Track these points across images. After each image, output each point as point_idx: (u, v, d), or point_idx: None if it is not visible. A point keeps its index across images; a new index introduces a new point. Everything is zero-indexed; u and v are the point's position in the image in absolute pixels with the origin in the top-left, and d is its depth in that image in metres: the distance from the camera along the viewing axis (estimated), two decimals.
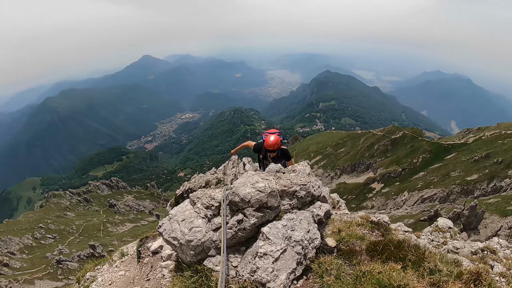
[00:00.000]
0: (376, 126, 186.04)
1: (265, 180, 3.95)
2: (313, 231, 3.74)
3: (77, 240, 57.16)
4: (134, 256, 7.19)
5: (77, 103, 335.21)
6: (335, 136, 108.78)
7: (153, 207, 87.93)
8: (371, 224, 5.43)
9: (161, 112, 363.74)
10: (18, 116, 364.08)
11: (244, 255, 3.63)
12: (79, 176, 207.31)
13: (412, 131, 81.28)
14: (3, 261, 43.31)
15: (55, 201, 77.94)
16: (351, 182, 74.48)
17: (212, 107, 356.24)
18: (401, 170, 65.59)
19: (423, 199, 50.50)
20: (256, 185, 3.79)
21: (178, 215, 4.09)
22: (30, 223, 60.88)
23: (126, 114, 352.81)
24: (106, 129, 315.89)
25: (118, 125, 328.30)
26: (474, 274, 3.20)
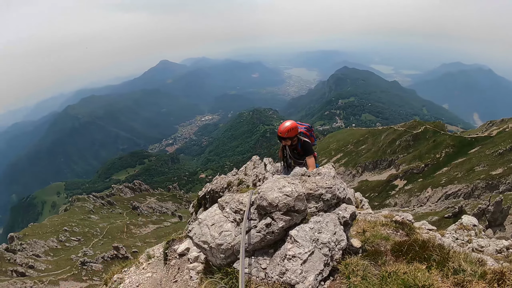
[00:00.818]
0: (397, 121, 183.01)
1: (291, 184, 4.06)
2: (339, 233, 3.84)
3: (101, 242, 58.17)
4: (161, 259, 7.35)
5: (97, 110, 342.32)
6: (355, 133, 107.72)
7: (175, 208, 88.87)
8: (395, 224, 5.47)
9: (181, 115, 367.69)
10: (40, 124, 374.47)
11: (273, 258, 3.74)
12: (102, 180, 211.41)
13: (434, 125, 79.77)
14: (28, 263, 44.53)
15: (79, 204, 79.61)
16: (373, 179, 73.61)
17: (230, 108, 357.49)
18: (424, 166, 64.48)
19: (447, 195, 49.53)
20: (283, 190, 3.90)
21: (207, 219, 4.23)
22: (55, 226, 62.28)
23: (146, 119, 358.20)
24: (127, 133, 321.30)
25: (138, 130, 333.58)
26: (498, 274, 3.21)
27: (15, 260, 44.34)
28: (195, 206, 20.48)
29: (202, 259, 5.53)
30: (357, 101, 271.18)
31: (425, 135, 76.26)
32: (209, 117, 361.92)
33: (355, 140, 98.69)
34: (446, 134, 72.67)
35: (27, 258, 46.36)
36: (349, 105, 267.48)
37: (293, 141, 7.28)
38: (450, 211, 40.99)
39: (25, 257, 46.50)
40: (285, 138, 7.10)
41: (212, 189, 17.70)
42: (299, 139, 7.40)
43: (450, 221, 34.84)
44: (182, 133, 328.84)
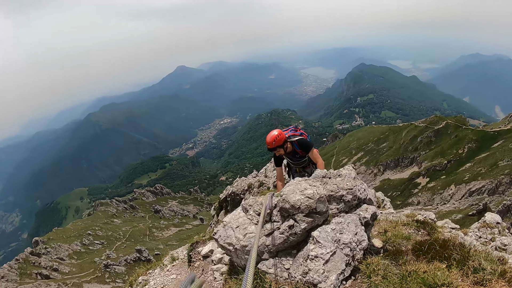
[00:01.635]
0: (418, 117, 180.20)
1: (313, 186, 4.17)
2: (360, 233, 3.92)
3: (124, 245, 59.18)
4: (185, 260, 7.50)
5: (118, 116, 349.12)
6: (376, 131, 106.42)
7: (197, 211, 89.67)
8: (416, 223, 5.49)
9: (200, 119, 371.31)
10: (63, 132, 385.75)
11: (296, 258, 3.85)
12: (125, 185, 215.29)
13: (456, 120, 78.19)
14: (52, 266, 45.62)
15: (102, 209, 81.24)
16: (395, 178, 72.62)
17: (249, 110, 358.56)
18: (447, 162, 63.28)
19: (470, 192, 48.47)
20: (305, 192, 4.01)
21: (232, 222, 4.38)
22: (79, 230, 63.71)
23: (166, 124, 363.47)
24: (148, 139, 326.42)
25: (159, 135, 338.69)
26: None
27: (39, 263, 45.53)
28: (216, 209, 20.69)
29: (226, 261, 5.67)
30: (376, 98, 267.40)
31: (447, 131, 74.84)
32: (228, 120, 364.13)
33: (375, 138, 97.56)
34: (468, 129, 71.15)
35: (51, 261, 47.51)
36: (368, 103, 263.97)
37: (285, 148, 6.82)
38: (474, 208, 40.19)
39: (49, 260, 47.68)
40: (275, 148, 6.67)
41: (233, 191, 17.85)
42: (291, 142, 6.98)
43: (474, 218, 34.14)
44: (202, 136, 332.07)
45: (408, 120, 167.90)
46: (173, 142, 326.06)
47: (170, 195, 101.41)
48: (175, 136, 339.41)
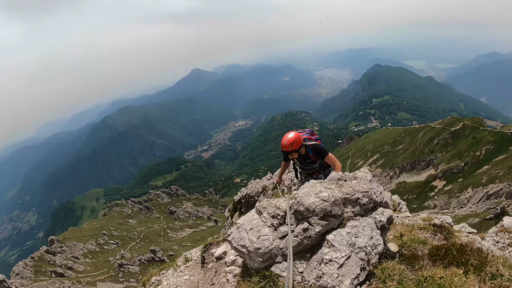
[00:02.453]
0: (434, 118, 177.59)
1: (328, 189, 4.13)
2: (376, 237, 3.86)
3: (139, 246, 59.64)
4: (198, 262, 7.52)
5: (134, 119, 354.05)
6: (392, 133, 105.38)
7: (211, 212, 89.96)
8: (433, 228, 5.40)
9: (215, 121, 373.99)
10: (79, 134, 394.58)
11: (310, 262, 3.81)
12: (140, 186, 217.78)
13: (473, 121, 76.72)
14: (67, 264, 46.15)
15: (118, 209, 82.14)
16: (411, 180, 71.68)
17: (263, 113, 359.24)
18: (464, 165, 62.18)
19: (488, 196, 47.49)
20: (319, 195, 3.98)
21: (246, 224, 4.37)
22: (94, 230, 64.45)
23: (182, 126, 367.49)
24: (163, 141, 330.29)
25: (174, 137, 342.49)
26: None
27: (54, 261, 46.05)
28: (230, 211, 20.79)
29: (239, 263, 5.67)
30: (392, 100, 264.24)
31: (464, 132, 73.55)
32: (243, 122, 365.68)
33: (391, 140, 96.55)
34: (486, 130, 69.71)
35: (66, 259, 48.07)
36: (384, 104, 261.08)
37: (300, 152, 6.60)
38: (492, 212, 39.42)
39: (64, 258, 48.22)
40: (290, 152, 6.45)
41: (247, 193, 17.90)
42: (306, 146, 6.72)
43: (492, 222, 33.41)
44: (217, 139, 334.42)
45: (424, 121, 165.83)
46: (189, 144, 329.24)
47: (185, 197, 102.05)
48: (191, 138, 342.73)
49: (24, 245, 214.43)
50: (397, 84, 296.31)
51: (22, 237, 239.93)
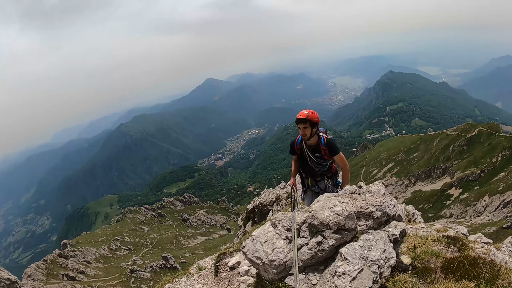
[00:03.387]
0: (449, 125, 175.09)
1: (342, 203, 4.22)
2: (388, 251, 3.92)
3: (151, 252, 59.78)
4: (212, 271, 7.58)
5: (148, 127, 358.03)
6: (406, 141, 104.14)
7: (224, 221, 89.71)
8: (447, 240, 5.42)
9: (229, 130, 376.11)
10: (95, 141, 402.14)
11: (323, 274, 3.89)
12: (154, 193, 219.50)
13: (488, 127, 75.22)
14: (79, 268, 46.45)
15: (131, 216, 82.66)
16: (426, 189, 70.61)
17: (277, 121, 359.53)
18: (480, 172, 61.01)
19: (505, 203, 46.39)
20: (334, 209, 4.07)
21: (260, 236, 4.47)
22: (107, 235, 64.85)
23: (196, 134, 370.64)
24: (178, 149, 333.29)
25: (188, 145, 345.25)
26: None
27: (66, 265, 46.39)
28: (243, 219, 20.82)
29: (253, 273, 5.74)
30: (406, 106, 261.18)
31: (480, 138, 72.24)
32: (256, 131, 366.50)
33: (406, 148, 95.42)
34: (502, 136, 68.19)
35: (78, 264, 48.38)
36: (398, 111, 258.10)
37: (313, 132, 6.34)
38: (509, 220, 38.52)
39: (76, 263, 48.54)
40: (305, 121, 6.16)
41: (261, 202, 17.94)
42: (319, 136, 6.50)
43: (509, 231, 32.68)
44: (230, 147, 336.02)
45: (439, 128, 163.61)
46: (202, 152, 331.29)
47: (198, 204, 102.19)
48: (204, 146, 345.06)
49: (37, 247, 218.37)
50: (411, 91, 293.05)
51: (35, 240, 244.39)
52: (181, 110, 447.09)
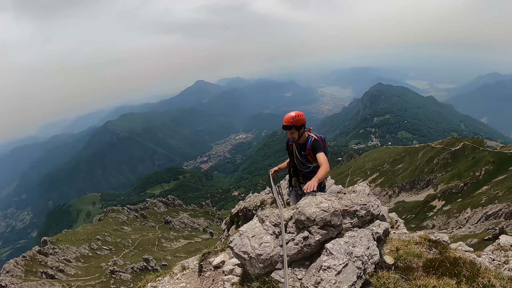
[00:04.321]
0: (435, 138, 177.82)
1: (328, 200, 4.33)
2: (372, 248, 4.03)
3: (132, 253, 59.07)
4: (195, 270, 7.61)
5: (135, 126, 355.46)
6: (392, 152, 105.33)
7: (207, 224, 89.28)
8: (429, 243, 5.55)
9: (216, 133, 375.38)
10: (81, 137, 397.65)
11: (309, 269, 3.98)
12: (137, 194, 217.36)
13: (473, 141, 76.74)
14: (58, 267, 45.61)
15: (113, 215, 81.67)
16: (410, 200, 71.49)
17: (264, 127, 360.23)
18: (463, 185, 62.07)
19: (487, 216, 47.34)
20: (320, 205, 4.17)
21: (248, 231, 4.54)
22: (88, 234, 63.93)
23: (183, 136, 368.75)
24: (164, 150, 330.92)
25: (175, 147, 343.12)
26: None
27: (46, 262, 45.51)
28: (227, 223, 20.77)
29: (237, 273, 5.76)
30: (393, 119, 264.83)
31: (464, 152, 73.56)
32: (243, 135, 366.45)
33: (391, 159, 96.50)
34: (486, 150, 69.61)
35: (58, 262, 47.49)
36: (385, 123, 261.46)
37: (300, 133, 6.54)
38: (490, 232, 39.22)
39: (56, 260, 47.65)
40: (290, 127, 6.38)
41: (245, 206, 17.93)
42: (308, 135, 6.70)
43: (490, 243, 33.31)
44: (217, 151, 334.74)
45: (424, 141, 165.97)
46: (188, 155, 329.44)
47: (182, 207, 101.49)
48: (191, 148, 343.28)
49: (16, 243, 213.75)
50: (399, 104, 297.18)
51: (15, 235, 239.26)
52: (169, 111, 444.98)
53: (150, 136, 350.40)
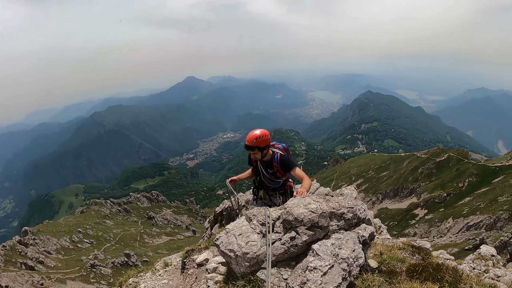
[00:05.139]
0: (420, 148, 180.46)
1: (316, 202, 4.36)
2: (358, 251, 4.08)
3: (113, 248, 58.67)
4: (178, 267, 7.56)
5: (123, 119, 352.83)
6: (377, 159, 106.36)
7: (190, 222, 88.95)
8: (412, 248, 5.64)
9: (204, 131, 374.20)
10: (67, 127, 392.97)
11: (294, 269, 4.00)
12: (121, 187, 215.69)
13: (458, 153, 77.88)
14: (38, 258, 45.21)
15: (96, 208, 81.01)
16: (393, 207, 72.29)
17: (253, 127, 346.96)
18: (446, 195, 62.98)
19: (468, 227, 48.13)
20: (308, 206, 4.20)
21: (235, 230, 4.53)
22: (70, 226, 63.39)
23: (170, 132, 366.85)
24: (150, 145, 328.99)
25: (161, 142, 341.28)
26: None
27: (26, 253, 45.08)
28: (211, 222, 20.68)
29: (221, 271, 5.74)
30: (380, 126, 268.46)
31: (448, 163, 74.63)
32: (231, 134, 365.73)
33: (376, 166, 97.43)
34: (470, 163, 70.79)
35: (38, 253, 47.09)
36: (372, 130, 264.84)
37: (263, 154, 6.12)
38: (471, 243, 39.88)
39: (36, 252, 47.23)
40: (253, 148, 5.96)
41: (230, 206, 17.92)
42: (273, 152, 6.28)
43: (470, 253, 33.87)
44: (204, 148, 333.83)
45: (410, 150, 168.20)
46: (175, 151, 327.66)
47: (165, 203, 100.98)
48: (177, 145, 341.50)
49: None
50: (387, 112, 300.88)
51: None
52: (158, 106, 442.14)
53: (137, 130, 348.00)
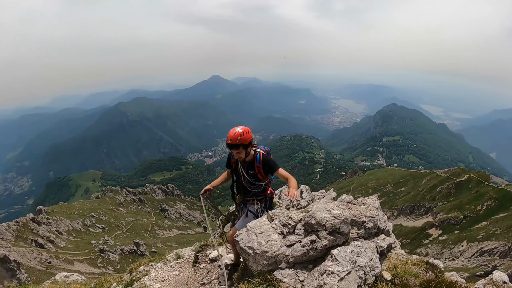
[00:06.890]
0: (441, 166, 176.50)
1: (339, 208, 4.47)
2: (375, 260, 4.18)
3: (124, 235, 59.14)
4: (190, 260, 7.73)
5: (146, 111, 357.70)
6: (396, 174, 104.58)
7: (202, 219, 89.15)
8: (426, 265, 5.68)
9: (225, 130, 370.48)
10: (91, 114, 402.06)
11: (311, 272, 4.11)
12: (138, 178, 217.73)
13: (479, 175, 75.81)
14: (49, 237, 45.90)
15: (111, 195, 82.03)
16: (407, 225, 70.97)
17: (273, 131, 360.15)
18: (463, 217, 61.50)
19: (482, 252, 46.87)
20: (331, 212, 4.32)
21: (256, 228, 4.67)
22: (84, 210, 64.32)
23: (191, 128, 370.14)
24: (171, 139, 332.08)
25: (182, 137, 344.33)
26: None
27: (37, 231, 45.83)
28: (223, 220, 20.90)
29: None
30: (402, 141, 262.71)
31: (468, 185, 72.76)
32: None
33: (395, 181, 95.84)
34: (490, 186, 68.81)
35: (49, 232, 47.78)
36: (393, 144, 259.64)
37: (247, 152, 5.78)
38: (483, 269, 38.87)
39: (48, 231, 47.92)
40: (237, 146, 5.56)
41: None
42: (255, 151, 5.98)
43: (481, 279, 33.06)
44: (223, 147, 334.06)
45: (431, 167, 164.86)
46: (194, 147, 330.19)
47: (180, 198, 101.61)
48: (197, 141, 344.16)
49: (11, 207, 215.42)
50: (410, 126, 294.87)
51: (12, 199, 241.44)
52: (182, 101, 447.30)
53: (159, 123, 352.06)
